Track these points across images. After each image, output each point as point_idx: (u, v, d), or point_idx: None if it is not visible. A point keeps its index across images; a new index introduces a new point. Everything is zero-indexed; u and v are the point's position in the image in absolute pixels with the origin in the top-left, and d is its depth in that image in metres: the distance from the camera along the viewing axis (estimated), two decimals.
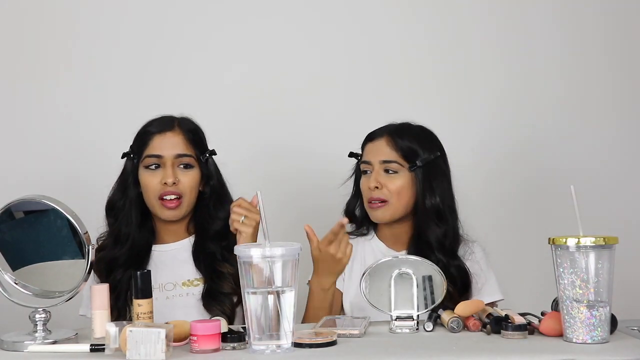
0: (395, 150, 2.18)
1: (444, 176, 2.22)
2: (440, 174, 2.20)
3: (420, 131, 2.24)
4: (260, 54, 2.92)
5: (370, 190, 2.18)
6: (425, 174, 2.17)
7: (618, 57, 3.00)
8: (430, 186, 2.17)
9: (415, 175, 2.17)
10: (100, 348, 1.64)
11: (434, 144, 2.23)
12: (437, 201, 2.17)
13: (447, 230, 2.18)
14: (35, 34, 2.86)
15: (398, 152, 2.17)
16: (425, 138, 2.22)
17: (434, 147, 2.22)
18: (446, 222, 2.18)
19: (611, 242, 1.63)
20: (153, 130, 2.17)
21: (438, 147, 2.23)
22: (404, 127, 2.23)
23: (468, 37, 2.97)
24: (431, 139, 2.24)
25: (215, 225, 2.19)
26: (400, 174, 2.17)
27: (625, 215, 2.91)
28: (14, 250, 1.82)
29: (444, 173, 2.22)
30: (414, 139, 2.19)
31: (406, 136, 2.19)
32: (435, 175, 2.19)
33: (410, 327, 1.80)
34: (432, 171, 2.19)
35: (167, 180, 2.12)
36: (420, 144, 2.19)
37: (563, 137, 2.97)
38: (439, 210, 2.17)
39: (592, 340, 1.62)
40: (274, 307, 1.60)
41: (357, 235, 2.28)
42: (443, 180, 2.20)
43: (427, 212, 2.17)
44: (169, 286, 2.17)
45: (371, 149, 2.21)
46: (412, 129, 2.23)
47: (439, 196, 2.18)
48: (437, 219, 2.17)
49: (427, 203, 2.17)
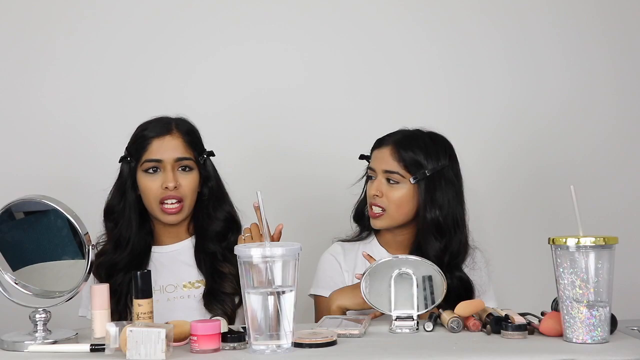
0: (398, 161, 2.15)
1: (451, 186, 2.16)
2: (446, 185, 2.15)
3: (429, 140, 2.19)
4: (261, 55, 2.91)
5: (371, 196, 2.18)
6: (429, 185, 2.14)
7: (621, 57, 3.00)
8: (432, 198, 2.13)
9: (418, 187, 2.15)
10: (100, 348, 1.64)
11: (443, 153, 2.18)
12: (437, 214, 2.13)
13: (448, 244, 2.14)
14: (34, 35, 2.86)
15: (400, 163, 2.14)
16: (432, 147, 2.17)
17: (442, 156, 2.17)
18: (447, 235, 2.14)
19: (611, 242, 1.63)
20: (151, 134, 2.15)
21: (446, 157, 2.18)
22: (412, 137, 2.18)
23: (474, 37, 2.97)
24: (439, 148, 2.18)
25: (215, 225, 2.19)
26: (401, 184, 2.14)
27: (625, 215, 2.91)
28: (14, 250, 1.82)
29: (451, 183, 2.17)
30: (419, 149, 2.15)
31: (412, 147, 2.15)
32: (440, 186, 2.14)
33: (410, 327, 1.80)
34: (436, 182, 2.14)
35: (169, 185, 2.11)
36: (427, 154, 2.15)
37: (563, 138, 2.97)
38: (439, 223, 2.13)
39: (592, 340, 1.62)
40: (274, 307, 1.60)
41: (357, 240, 2.28)
42: (449, 191, 2.15)
43: (427, 225, 2.14)
44: (169, 288, 2.17)
45: (377, 156, 2.19)
46: (420, 139, 2.18)
47: (441, 209, 2.13)
48: (436, 233, 2.13)
49: (427, 216, 2.13)
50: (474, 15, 2.97)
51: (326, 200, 2.72)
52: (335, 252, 2.26)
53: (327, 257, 2.25)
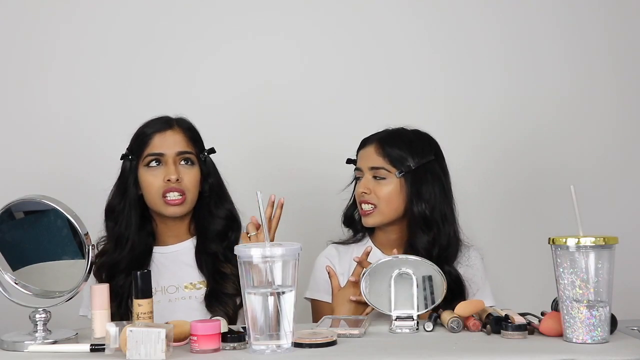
0: (383, 157, 2.17)
1: (437, 181, 2.18)
2: (432, 179, 2.18)
3: (413, 136, 2.22)
4: (260, 54, 2.92)
5: (359, 195, 2.19)
6: (415, 179, 2.16)
7: (618, 57, 3.00)
8: (418, 192, 2.15)
9: (405, 181, 2.17)
10: (100, 348, 1.64)
11: (427, 148, 2.21)
12: (423, 208, 2.15)
13: (437, 237, 2.15)
14: (34, 35, 2.86)
15: (385, 159, 2.17)
16: (417, 143, 2.20)
17: (427, 151, 2.20)
18: (435, 228, 2.15)
19: (611, 242, 1.63)
20: (152, 129, 2.17)
21: (432, 152, 2.21)
22: (396, 134, 2.22)
23: (468, 37, 2.97)
24: (424, 144, 2.21)
25: (216, 224, 2.19)
26: (388, 180, 2.17)
27: (625, 215, 2.91)
28: (14, 250, 1.82)
29: (438, 178, 2.19)
30: (404, 145, 2.18)
31: (396, 143, 2.18)
32: (426, 180, 2.17)
33: (410, 327, 1.80)
34: (422, 176, 2.17)
35: (171, 177, 2.12)
36: (411, 149, 2.18)
37: (563, 137, 2.97)
38: (426, 217, 2.15)
39: (592, 340, 1.62)
40: (274, 307, 1.60)
41: (352, 242, 2.28)
42: (435, 185, 2.18)
43: (415, 218, 2.16)
44: (171, 289, 2.17)
45: (362, 156, 2.22)
46: (404, 135, 2.21)
47: (428, 202, 2.15)
48: (424, 226, 2.15)
49: (414, 210, 2.15)
50: (468, 15, 2.98)
51: (325, 197, 2.71)
52: (330, 254, 2.27)
53: (322, 260, 2.26)
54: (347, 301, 2.03)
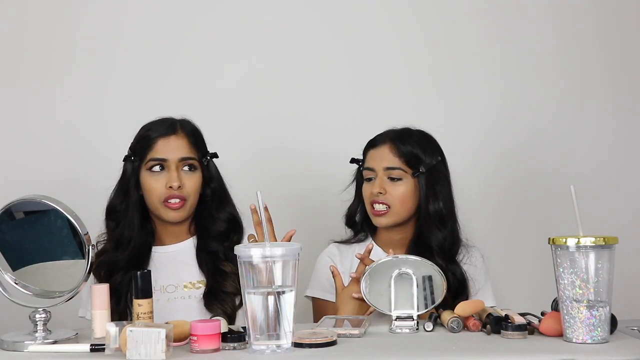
0: (399, 157, 2.18)
1: (445, 180, 2.23)
2: (442, 178, 2.22)
3: (421, 136, 2.24)
4: (261, 56, 2.91)
5: (373, 195, 2.18)
6: (428, 179, 2.19)
7: (617, 57, 3.00)
8: (434, 191, 2.19)
9: (419, 181, 2.18)
10: (100, 348, 1.64)
11: (435, 148, 2.24)
12: (440, 206, 2.19)
13: (447, 234, 2.19)
14: (36, 36, 2.85)
15: (401, 159, 2.18)
16: (426, 143, 2.23)
17: (435, 151, 2.23)
18: (449, 225, 2.20)
19: (611, 242, 1.63)
20: (156, 133, 2.16)
21: (439, 152, 2.24)
22: (405, 133, 2.24)
23: (467, 38, 2.97)
24: (432, 144, 2.24)
25: (217, 226, 2.20)
26: (404, 180, 2.18)
27: (625, 215, 2.91)
28: (14, 250, 1.82)
29: (445, 177, 2.23)
30: (416, 144, 2.20)
31: (408, 142, 2.20)
32: (437, 179, 2.20)
33: (410, 327, 1.80)
34: (434, 176, 2.20)
35: (173, 184, 2.12)
36: (422, 149, 2.20)
37: (563, 137, 2.97)
38: (442, 215, 2.19)
39: (592, 340, 1.62)
40: (274, 307, 1.60)
41: (354, 241, 2.28)
42: (444, 184, 2.22)
43: (431, 217, 2.18)
44: (170, 288, 2.17)
45: (374, 156, 2.22)
46: (413, 135, 2.24)
47: (442, 201, 2.19)
48: (439, 224, 2.18)
49: (430, 208, 2.18)
50: (466, 18, 2.98)
51: (326, 199, 2.71)
52: (331, 253, 2.27)
53: (323, 259, 2.26)
54: (351, 299, 2.03)
